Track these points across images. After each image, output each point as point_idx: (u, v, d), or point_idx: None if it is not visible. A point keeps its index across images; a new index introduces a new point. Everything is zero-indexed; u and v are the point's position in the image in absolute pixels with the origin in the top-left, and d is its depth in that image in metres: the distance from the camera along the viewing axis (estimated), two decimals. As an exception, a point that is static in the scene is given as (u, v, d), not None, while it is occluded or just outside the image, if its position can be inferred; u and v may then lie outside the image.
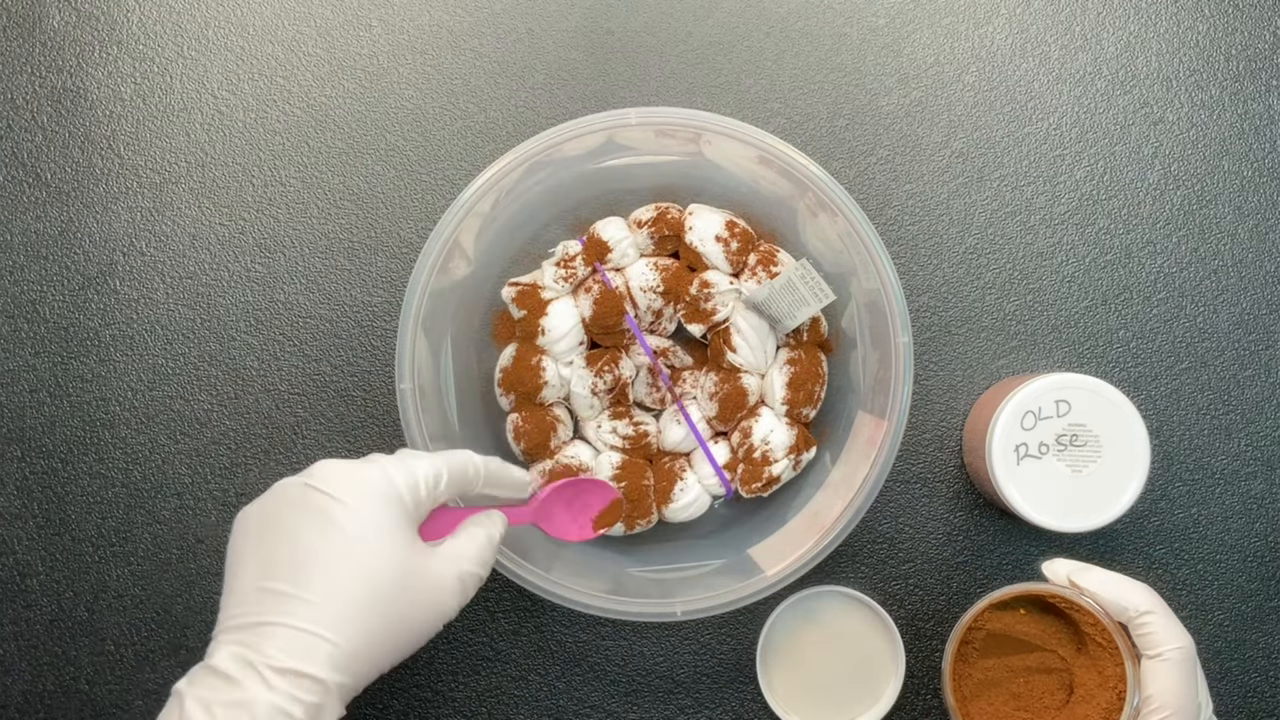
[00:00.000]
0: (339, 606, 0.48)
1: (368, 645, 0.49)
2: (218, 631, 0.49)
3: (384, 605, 0.50)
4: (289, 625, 0.48)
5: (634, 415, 0.68)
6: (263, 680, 0.47)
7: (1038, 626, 0.58)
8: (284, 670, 0.47)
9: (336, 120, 0.71)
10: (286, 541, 0.50)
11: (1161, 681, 0.52)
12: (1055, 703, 0.58)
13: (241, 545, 0.51)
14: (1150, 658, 0.53)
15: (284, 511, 0.51)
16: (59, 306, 0.71)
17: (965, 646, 0.58)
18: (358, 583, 0.49)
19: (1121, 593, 0.54)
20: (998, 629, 0.58)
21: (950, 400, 0.70)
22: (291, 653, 0.47)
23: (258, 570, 0.50)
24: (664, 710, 0.69)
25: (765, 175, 0.65)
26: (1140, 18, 0.72)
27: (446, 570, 0.53)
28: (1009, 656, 0.58)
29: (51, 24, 0.72)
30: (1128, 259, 0.70)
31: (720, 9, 0.72)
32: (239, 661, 0.47)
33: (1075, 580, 0.56)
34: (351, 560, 0.49)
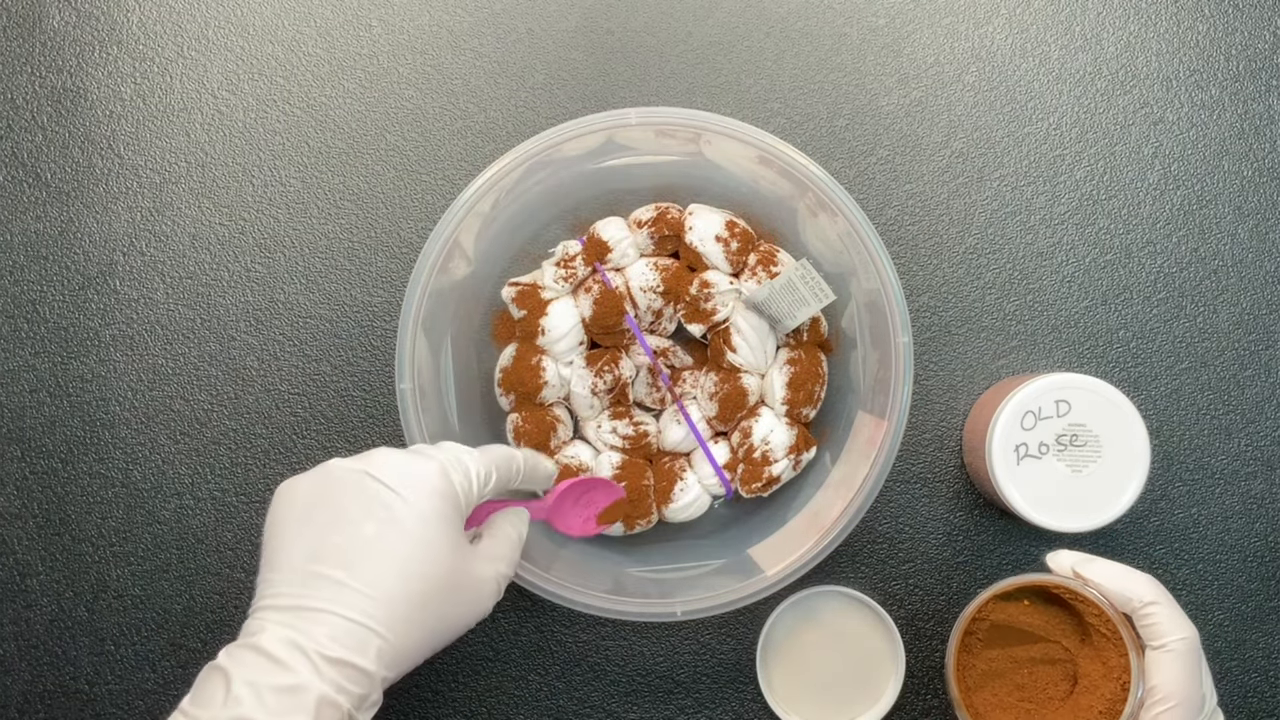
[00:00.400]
0: (393, 602, 0.48)
1: (414, 642, 0.49)
2: (260, 607, 0.49)
3: (434, 604, 0.50)
4: (342, 615, 0.47)
5: (634, 415, 0.68)
6: (314, 668, 0.46)
7: (1042, 617, 0.58)
8: (336, 660, 0.47)
9: (336, 120, 0.71)
10: (342, 527, 0.49)
11: (1166, 672, 0.52)
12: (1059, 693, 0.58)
13: (287, 519, 0.50)
14: (1155, 648, 0.53)
15: (339, 495, 0.50)
16: (59, 306, 0.71)
17: (969, 637, 0.58)
18: (413, 580, 0.49)
19: (1126, 583, 0.54)
20: (1002, 620, 0.58)
21: (950, 400, 0.70)
22: (344, 643, 0.47)
23: (307, 551, 0.49)
24: (664, 710, 0.69)
25: (765, 175, 0.65)
26: (1140, 18, 0.72)
27: (486, 571, 0.53)
28: (1013, 647, 0.58)
29: (51, 24, 0.72)
30: (1128, 259, 0.70)
31: (720, 9, 0.72)
32: (289, 645, 0.47)
33: (1079, 571, 0.56)
34: (408, 556, 0.49)
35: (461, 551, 0.52)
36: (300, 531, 0.50)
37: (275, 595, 0.48)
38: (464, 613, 0.52)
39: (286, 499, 0.51)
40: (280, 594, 0.48)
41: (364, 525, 0.49)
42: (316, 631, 0.47)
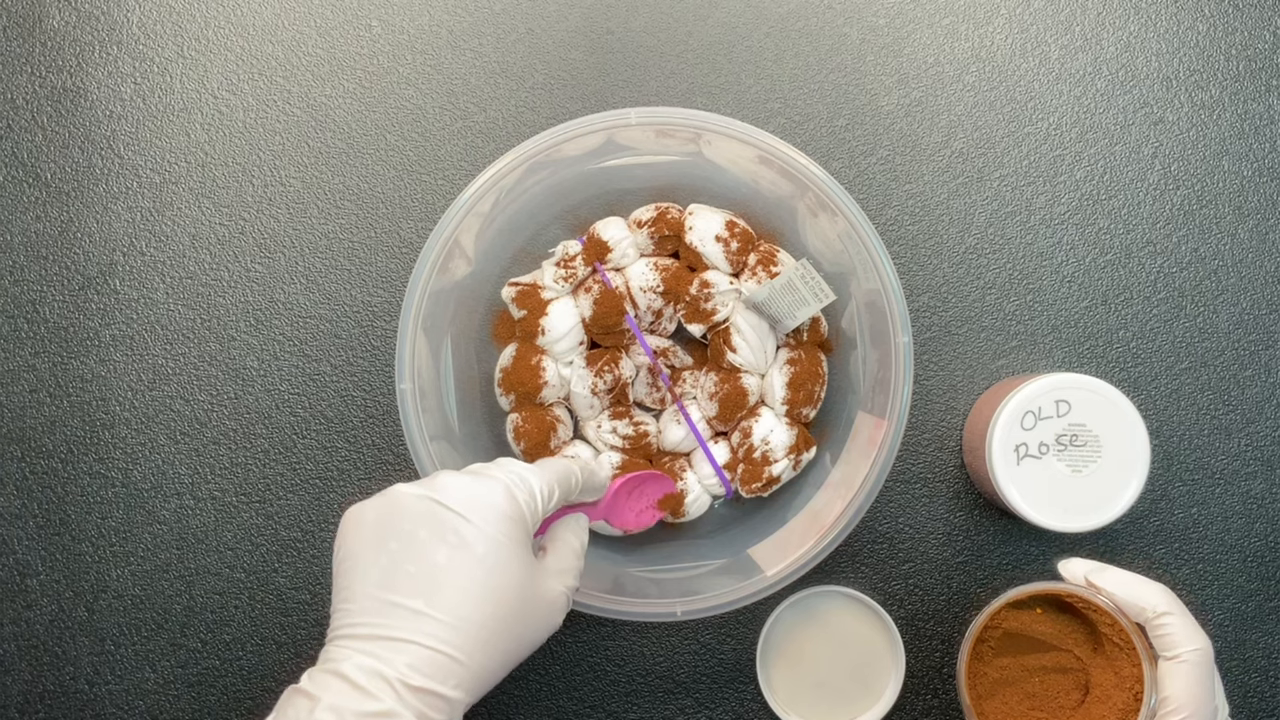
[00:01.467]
0: (471, 629, 0.49)
1: (492, 664, 0.50)
2: (338, 636, 0.49)
3: (509, 626, 0.50)
4: (422, 644, 0.48)
5: (634, 415, 0.68)
6: (397, 696, 0.47)
7: (1054, 626, 0.58)
8: (418, 689, 0.47)
9: (336, 120, 0.71)
10: (414, 556, 0.49)
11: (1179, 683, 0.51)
12: (1071, 703, 0.57)
13: (357, 548, 0.51)
14: (1168, 659, 0.53)
15: (408, 523, 0.50)
16: (59, 306, 0.71)
17: (981, 645, 0.58)
18: (488, 604, 0.49)
19: (1139, 593, 0.54)
20: (1014, 628, 0.58)
21: (950, 400, 0.70)
22: (425, 672, 0.47)
23: (381, 580, 0.49)
24: (664, 710, 0.69)
25: (765, 175, 0.65)
26: (1140, 18, 0.72)
27: (558, 586, 0.54)
28: (1025, 656, 0.58)
29: (51, 24, 0.72)
30: (1128, 259, 0.70)
31: (720, 9, 0.72)
32: (371, 674, 0.47)
33: (1092, 580, 0.56)
34: (482, 582, 0.49)
35: (531, 571, 0.52)
36: (373, 560, 0.50)
37: (353, 625, 0.49)
38: (537, 629, 0.52)
39: (354, 528, 0.51)
40: (358, 623, 0.49)
41: (437, 553, 0.49)
42: (398, 660, 0.47)
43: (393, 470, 0.70)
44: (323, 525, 0.69)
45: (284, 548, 0.69)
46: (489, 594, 0.49)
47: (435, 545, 0.50)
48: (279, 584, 0.69)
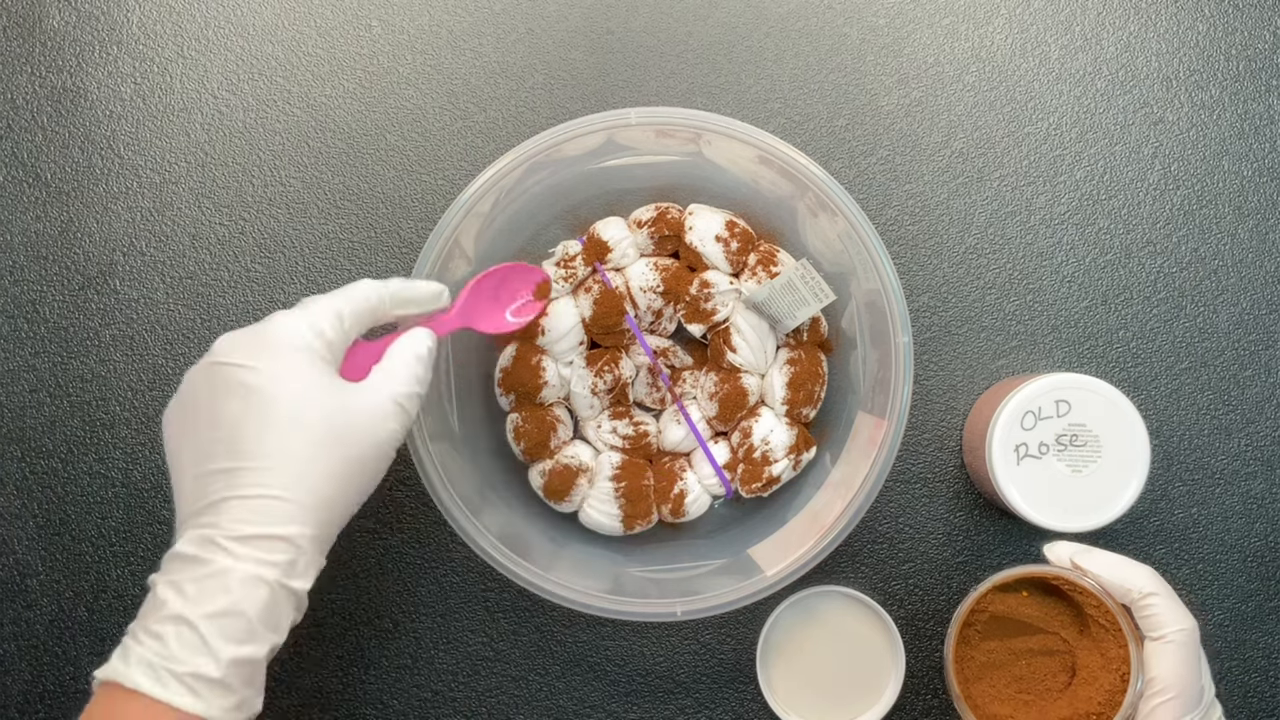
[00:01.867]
0: (280, 464, 0.49)
1: (325, 492, 0.50)
2: (177, 527, 0.50)
3: (325, 449, 0.50)
4: (238, 496, 0.48)
5: (634, 415, 0.68)
6: (227, 552, 0.48)
7: (1040, 609, 0.58)
8: (246, 538, 0.48)
9: (336, 120, 0.71)
10: (210, 422, 0.50)
11: (1165, 663, 0.51)
12: (1058, 685, 0.57)
13: (172, 441, 0.52)
14: (1154, 640, 0.53)
15: (200, 396, 0.51)
16: (59, 306, 0.71)
17: (968, 629, 0.58)
18: (291, 436, 0.49)
19: (1125, 574, 0.54)
20: (1000, 611, 0.58)
21: (950, 400, 0.70)
22: (248, 520, 0.48)
23: (194, 458, 0.50)
24: (664, 710, 0.69)
25: (765, 175, 0.65)
26: (1140, 18, 0.72)
27: (378, 397, 0.53)
28: (1011, 639, 0.58)
29: (51, 24, 0.72)
30: (1128, 259, 0.70)
31: (720, 9, 0.72)
32: (200, 541, 0.48)
33: (1078, 562, 0.56)
34: (278, 417, 0.49)
35: (336, 389, 0.52)
36: (184, 445, 0.51)
37: (182, 510, 0.50)
38: (366, 445, 0.52)
39: (166, 429, 0.52)
40: (184, 506, 0.50)
41: (229, 409, 0.50)
42: (222, 520, 0.48)
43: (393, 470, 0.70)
44: (323, 525, 0.69)
45: (284, 548, 0.69)
46: (291, 426, 0.49)
47: (226, 401, 0.50)
48: (279, 584, 0.69)
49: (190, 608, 0.47)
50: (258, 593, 0.48)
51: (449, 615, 0.69)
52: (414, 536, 0.69)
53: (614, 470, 0.66)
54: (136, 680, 0.46)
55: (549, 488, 0.67)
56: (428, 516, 0.69)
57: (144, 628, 0.48)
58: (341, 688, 0.69)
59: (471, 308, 0.62)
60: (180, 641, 0.47)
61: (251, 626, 0.48)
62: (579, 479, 0.66)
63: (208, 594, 0.47)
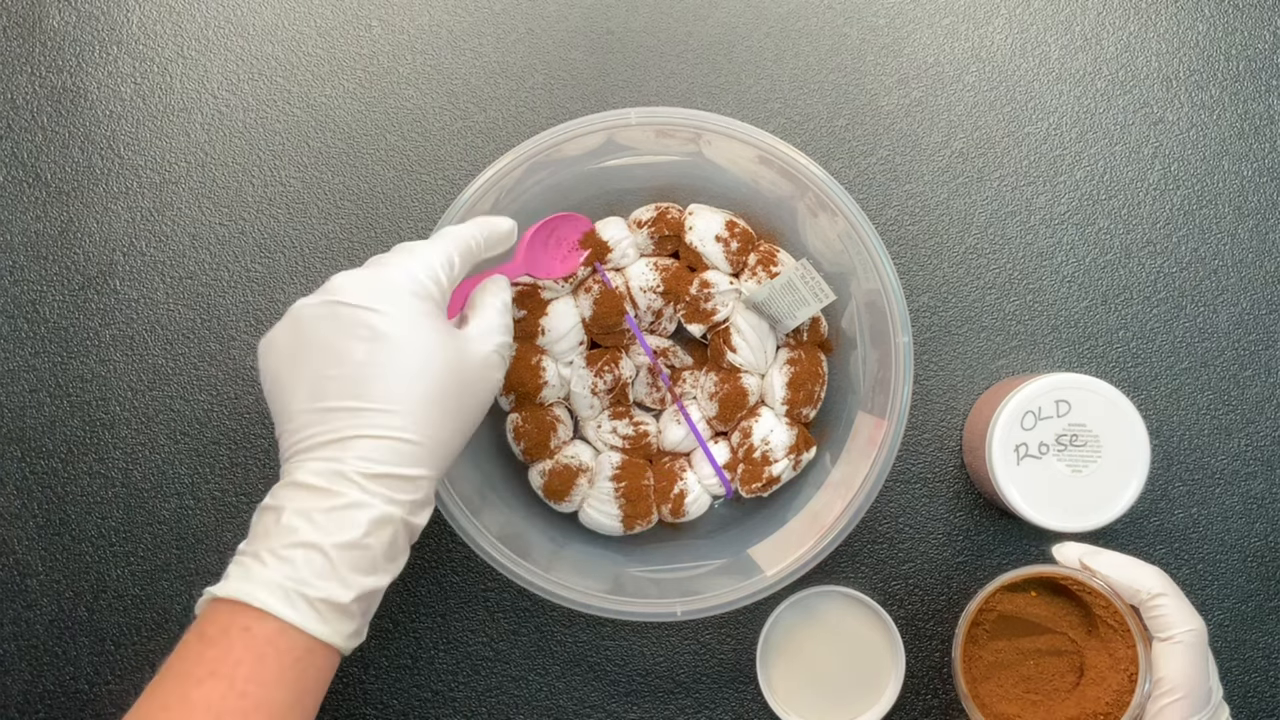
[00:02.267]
0: (410, 408, 0.50)
1: (443, 436, 0.51)
2: (288, 456, 0.50)
3: (448, 396, 0.52)
4: (370, 435, 0.49)
5: (634, 415, 0.68)
6: (359, 487, 0.48)
7: (1049, 609, 0.58)
8: (376, 476, 0.49)
9: (336, 120, 0.71)
10: (334, 360, 0.50)
11: (1174, 664, 0.52)
12: (1066, 685, 0.57)
13: (280, 371, 0.52)
14: (1162, 640, 0.53)
15: (318, 332, 0.51)
16: (59, 306, 0.71)
17: (976, 628, 0.58)
18: (419, 383, 0.51)
19: (1133, 575, 0.54)
20: (1009, 611, 0.58)
21: (950, 400, 0.70)
22: (378, 460, 0.49)
23: (310, 392, 0.50)
24: (664, 710, 0.69)
25: (765, 175, 0.65)
26: (1140, 18, 0.72)
27: (485, 347, 0.55)
28: (1019, 639, 0.58)
29: (51, 24, 0.72)
30: (1128, 259, 0.70)
31: (720, 9, 0.72)
32: (329, 475, 0.49)
33: (1086, 562, 0.56)
34: (406, 364, 0.50)
35: (454, 339, 0.53)
36: (297, 377, 0.51)
37: (299, 441, 0.50)
38: (477, 393, 0.54)
39: (272, 355, 0.52)
40: (302, 438, 0.50)
41: (354, 351, 0.50)
42: (349, 456, 0.49)
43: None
44: (323, 525, 0.69)
45: (284, 548, 0.69)
46: (417, 373, 0.51)
47: (350, 344, 0.50)
48: (279, 584, 0.69)
49: (322, 536, 0.48)
50: (386, 528, 0.49)
51: (449, 615, 0.69)
52: (414, 536, 0.69)
53: (614, 470, 0.66)
54: (264, 600, 0.47)
55: (549, 488, 0.67)
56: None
57: (269, 549, 0.48)
58: (341, 687, 0.69)
59: (531, 256, 0.63)
60: (311, 567, 0.47)
61: (376, 559, 0.49)
62: (579, 479, 0.67)
63: (338, 525, 0.48)
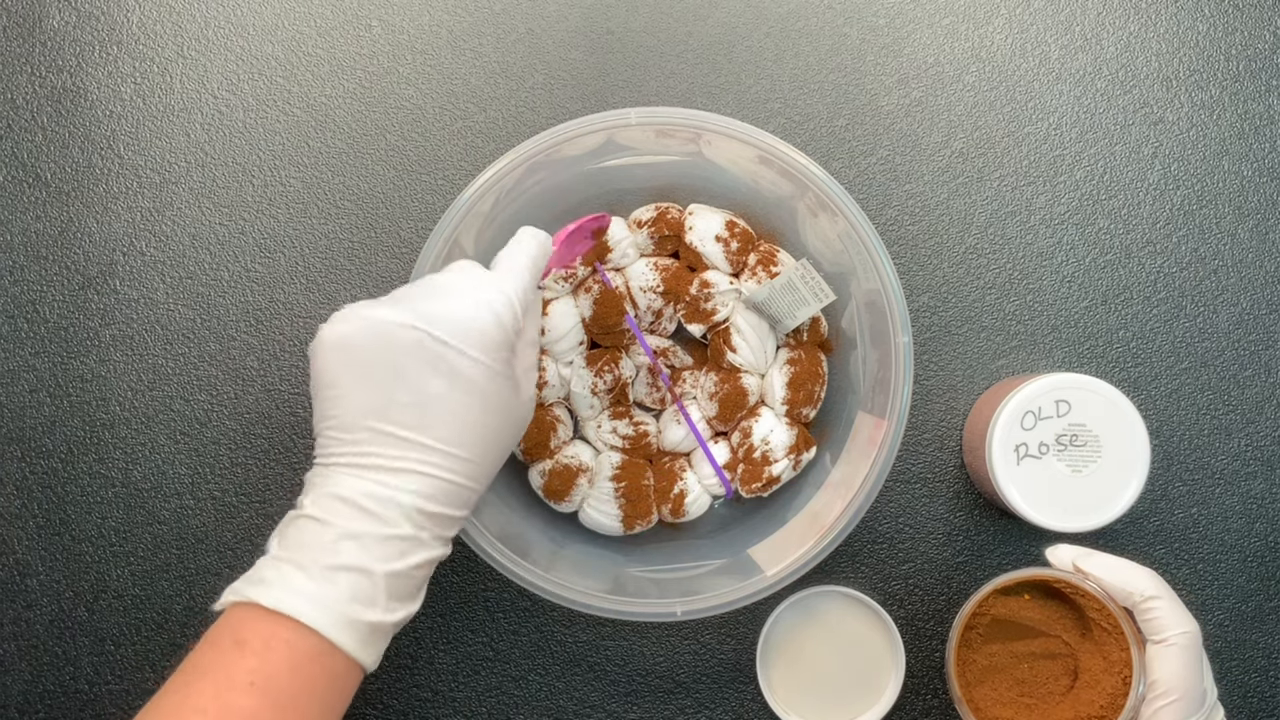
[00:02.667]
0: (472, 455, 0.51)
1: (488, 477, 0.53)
2: (333, 464, 0.50)
3: (501, 443, 0.53)
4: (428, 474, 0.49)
5: (634, 415, 0.68)
6: (412, 521, 0.49)
7: (1042, 612, 0.58)
8: (431, 514, 0.50)
9: (336, 120, 0.71)
10: (407, 388, 0.50)
11: (1168, 667, 0.51)
12: (1060, 689, 0.57)
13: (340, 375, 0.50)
14: (1156, 643, 0.52)
15: (397, 354, 0.50)
16: (59, 306, 0.71)
17: (969, 632, 0.58)
18: (486, 431, 0.51)
19: (1127, 577, 0.54)
20: (1003, 614, 0.58)
21: (950, 400, 0.70)
22: (436, 499, 0.50)
23: (373, 409, 0.50)
24: (664, 710, 0.69)
25: (765, 175, 0.65)
26: (1140, 18, 0.72)
27: (529, 386, 0.55)
28: (1013, 642, 0.58)
29: (51, 24, 0.72)
30: (1128, 259, 0.70)
31: (720, 9, 0.72)
32: (384, 501, 0.49)
33: (1080, 565, 0.56)
34: (479, 412, 0.51)
35: (514, 387, 0.53)
36: (361, 389, 0.50)
37: (350, 454, 0.50)
38: (519, 433, 0.55)
39: (335, 350, 0.51)
40: (355, 452, 0.49)
41: (430, 384, 0.50)
42: (407, 487, 0.49)
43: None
44: (323, 525, 0.69)
45: (284, 548, 0.69)
46: (484, 422, 0.51)
47: (428, 377, 0.50)
48: (279, 584, 0.69)
49: (374, 562, 0.48)
50: (432, 563, 0.50)
51: (449, 615, 0.69)
52: (414, 536, 0.69)
53: (614, 470, 0.66)
54: (313, 618, 0.46)
55: (549, 488, 0.67)
56: (428, 516, 0.69)
57: (316, 563, 0.47)
58: (341, 688, 0.69)
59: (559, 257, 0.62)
60: (359, 592, 0.47)
61: (415, 589, 0.50)
62: (579, 479, 0.67)
63: (390, 553, 0.48)
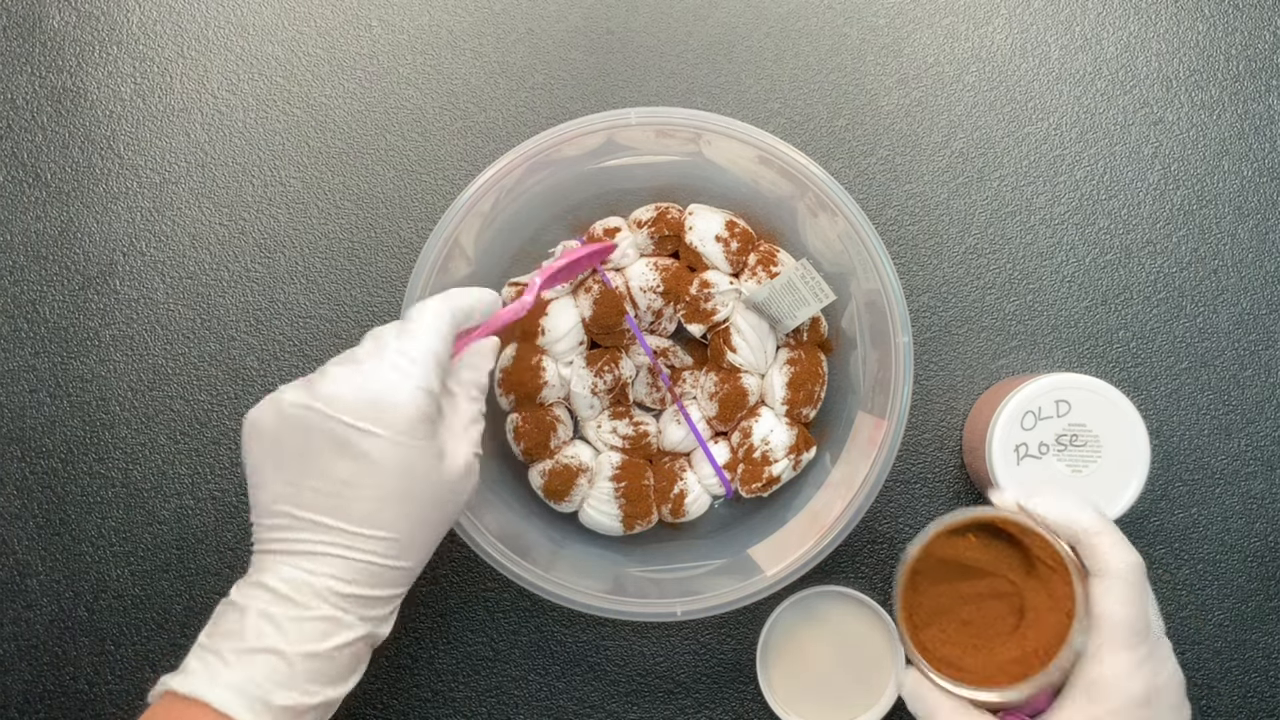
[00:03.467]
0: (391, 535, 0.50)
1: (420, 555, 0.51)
2: (259, 549, 0.50)
3: (429, 518, 0.51)
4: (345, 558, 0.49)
5: (634, 415, 0.68)
6: (330, 604, 0.48)
7: (988, 553, 0.57)
8: (350, 596, 0.49)
9: (336, 120, 0.71)
10: (315, 472, 0.49)
11: (1110, 599, 0.51)
12: (1007, 627, 0.57)
13: (260, 462, 0.50)
14: (1099, 576, 0.52)
15: (305, 438, 0.49)
16: (59, 306, 0.71)
17: (916, 576, 0.57)
18: (403, 506, 0.50)
19: (1069, 514, 0.54)
20: (949, 556, 0.57)
21: (950, 400, 0.70)
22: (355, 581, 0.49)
23: (289, 496, 0.49)
24: (664, 710, 0.69)
25: (765, 175, 0.65)
26: (1140, 18, 0.72)
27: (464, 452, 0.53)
28: (959, 583, 0.57)
29: (51, 24, 0.72)
30: (1128, 259, 0.70)
31: (720, 9, 0.72)
32: (300, 585, 0.48)
33: (1023, 505, 0.56)
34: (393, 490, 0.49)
35: (438, 456, 0.52)
36: (276, 474, 0.50)
37: (271, 540, 0.50)
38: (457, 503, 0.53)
39: (252, 436, 0.51)
40: (275, 538, 0.49)
41: (338, 468, 0.49)
42: (323, 571, 0.48)
43: (393, 470, 0.70)
44: (323, 525, 0.69)
45: (284, 548, 0.69)
46: (405, 498, 0.50)
47: (336, 459, 0.49)
48: (279, 584, 0.69)
49: (287, 644, 0.47)
50: (353, 644, 0.49)
51: (449, 615, 0.69)
52: (414, 536, 0.69)
53: (614, 470, 0.66)
54: (227, 702, 0.46)
55: (549, 488, 0.67)
56: (428, 516, 0.69)
57: (233, 649, 0.47)
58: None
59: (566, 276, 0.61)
60: (274, 674, 0.47)
61: (340, 671, 0.49)
62: (579, 479, 0.67)
63: (307, 636, 0.48)
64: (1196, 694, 0.68)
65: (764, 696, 0.67)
